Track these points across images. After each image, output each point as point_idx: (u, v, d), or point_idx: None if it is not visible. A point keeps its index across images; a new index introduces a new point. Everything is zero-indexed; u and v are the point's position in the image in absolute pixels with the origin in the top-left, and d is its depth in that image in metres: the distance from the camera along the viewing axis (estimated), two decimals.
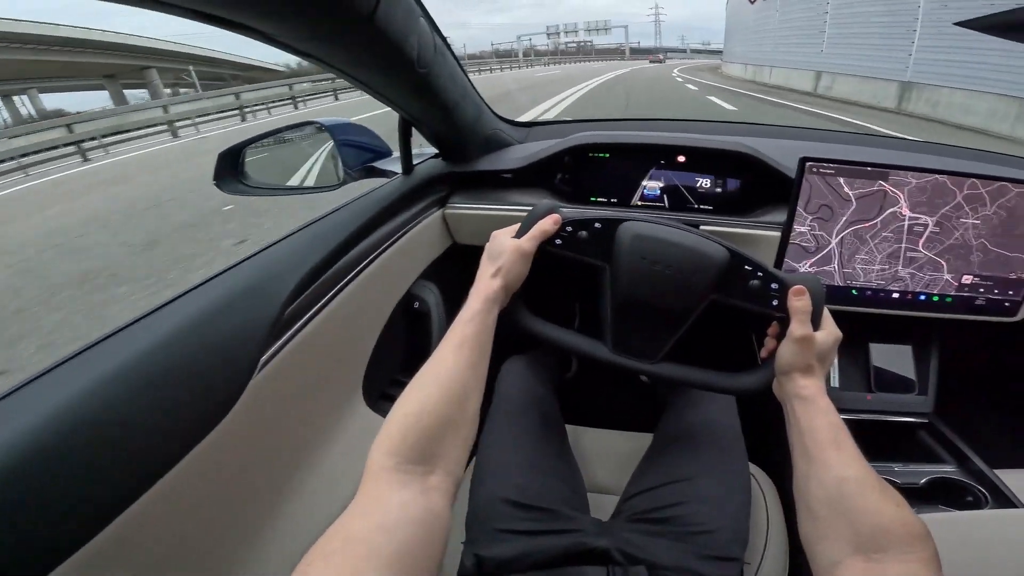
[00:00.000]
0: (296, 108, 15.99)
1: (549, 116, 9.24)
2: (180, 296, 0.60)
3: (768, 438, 0.96)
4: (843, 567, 0.42)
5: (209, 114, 13.92)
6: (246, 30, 0.50)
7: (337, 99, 17.31)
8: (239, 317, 0.60)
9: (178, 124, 12.43)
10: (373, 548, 0.35)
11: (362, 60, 0.65)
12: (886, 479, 0.85)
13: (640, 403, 1.13)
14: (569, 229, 0.60)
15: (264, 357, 0.61)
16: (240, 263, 0.68)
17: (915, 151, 1.02)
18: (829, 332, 0.55)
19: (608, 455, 0.87)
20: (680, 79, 19.79)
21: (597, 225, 0.60)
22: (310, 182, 1.01)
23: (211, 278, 0.64)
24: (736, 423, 0.78)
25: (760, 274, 0.57)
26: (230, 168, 0.91)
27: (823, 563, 0.44)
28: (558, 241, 0.60)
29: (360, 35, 0.57)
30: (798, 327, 0.54)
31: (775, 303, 0.57)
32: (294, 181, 1.01)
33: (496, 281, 0.56)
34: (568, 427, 0.87)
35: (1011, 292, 0.85)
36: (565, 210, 0.62)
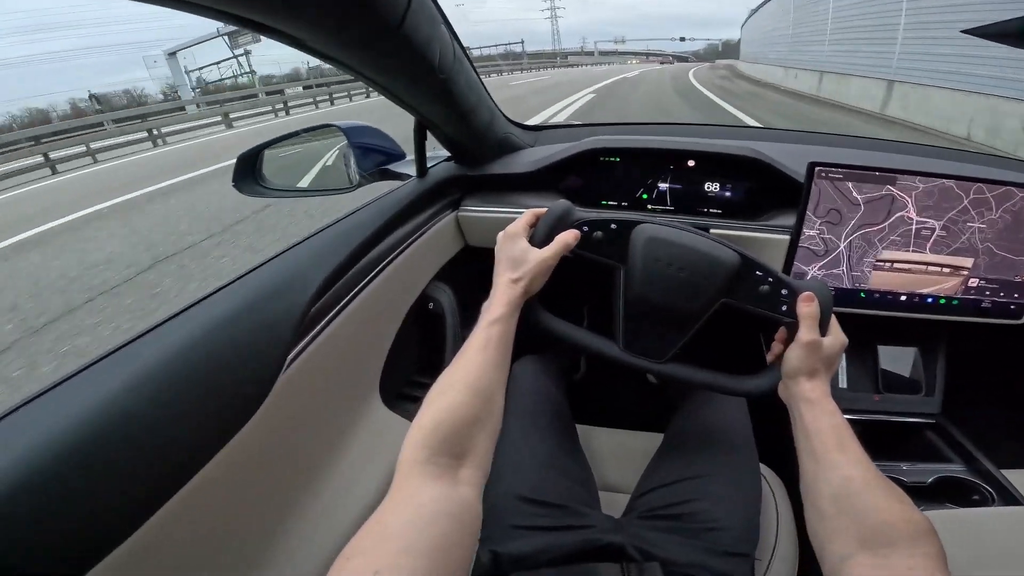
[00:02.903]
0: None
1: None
2: (205, 298, 0.60)
3: (778, 439, 0.97)
4: (852, 562, 0.43)
5: None
6: (276, 34, 0.51)
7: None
8: (265, 316, 0.60)
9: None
10: (408, 543, 0.36)
11: (388, 66, 0.66)
12: (892, 478, 0.87)
13: (649, 404, 1.14)
14: (585, 229, 0.61)
15: (291, 355, 0.62)
16: (263, 264, 0.69)
17: (921, 155, 1.04)
18: (836, 338, 0.57)
19: (618, 454, 0.88)
20: None
21: (613, 226, 0.62)
22: (325, 184, 1.02)
23: (235, 279, 0.65)
24: (748, 424, 0.79)
25: (770, 279, 0.59)
26: (248, 170, 0.92)
27: (832, 559, 0.45)
28: None
29: (388, 42, 0.58)
30: (806, 332, 0.55)
31: (784, 308, 0.59)
32: (309, 183, 1.02)
33: (518, 287, 0.58)
34: (579, 427, 0.88)
35: (1016, 295, 0.86)
36: (581, 212, 0.63)
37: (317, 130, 0.99)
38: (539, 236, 0.61)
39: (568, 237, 0.60)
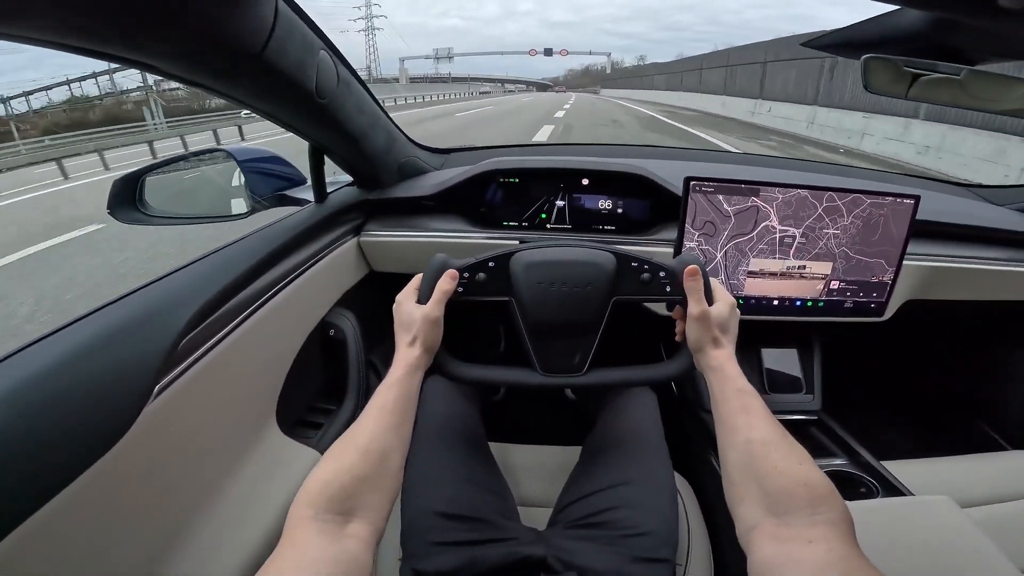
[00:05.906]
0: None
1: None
2: (71, 323, 0.58)
3: (686, 446, 1.00)
4: (758, 531, 0.44)
5: None
6: (136, 64, 0.51)
7: None
8: (133, 344, 0.58)
9: None
10: None
11: (257, 92, 0.66)
12: None
13: (566, 418, 1.15)
14: (467, 275, 0.62)
15: (160, 384, 0.60)
16: (137, 290, 0.67)
17: (785, 168, 1.14)
18: (723, 302, 0.60)
19: (537, 469, 0.89)
20: None
21: (491, 264, 0.63)
22: (218, 211, 0.99)
23: (105, 305, 0.62)
24: (660, 431, 0.81)
25: (647, 266, 0.62)
26: (127, 196, 0.88)
27: (742, 527, 0.46)
28: (460, 289, 0.62)
29: (251, 69, 0.59)
30: (694, 305, 0.58)
31: (668, 288, 0.62)
32: (200, 210, 0.98)
33: (415, 349, 0.58)
34: (496, 445, 0.88)
35: (875, 294, 0.94)
36: (457, 261, 0.64)
37: (206, 154, 0.97)
38: (423, 295, 0.62)
39: (444, 284, 0.61)
